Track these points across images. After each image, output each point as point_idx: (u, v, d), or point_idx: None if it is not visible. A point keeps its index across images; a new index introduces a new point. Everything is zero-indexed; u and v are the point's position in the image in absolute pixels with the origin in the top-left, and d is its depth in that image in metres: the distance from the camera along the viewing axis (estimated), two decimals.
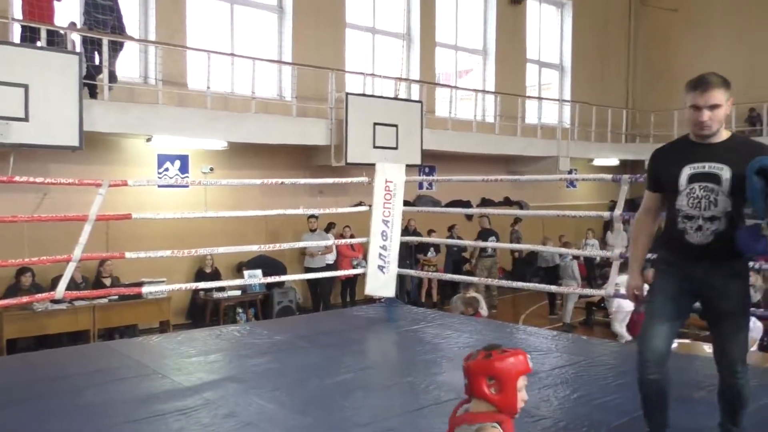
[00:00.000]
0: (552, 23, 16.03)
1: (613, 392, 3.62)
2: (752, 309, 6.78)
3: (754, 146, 2.71)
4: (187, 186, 9.76)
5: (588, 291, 7.57)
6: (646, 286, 2.99)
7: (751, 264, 6.94)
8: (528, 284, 7.62)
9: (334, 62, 10.98)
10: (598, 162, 15.09)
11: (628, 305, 7.69)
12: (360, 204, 9.19)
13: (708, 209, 2.62)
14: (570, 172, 13.86)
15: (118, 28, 8.63)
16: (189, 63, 9.82)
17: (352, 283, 10.45)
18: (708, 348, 6.06)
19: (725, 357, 2.73)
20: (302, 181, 8.18)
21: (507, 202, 13.86)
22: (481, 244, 10.42)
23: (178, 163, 9.76)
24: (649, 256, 3.08)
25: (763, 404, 3.54)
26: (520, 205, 13.88)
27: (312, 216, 9.95)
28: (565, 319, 10.15)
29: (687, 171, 2.67)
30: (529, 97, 14.76)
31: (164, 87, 9.08)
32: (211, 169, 9.85)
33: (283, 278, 8.03)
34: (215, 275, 9.47)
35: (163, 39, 9.40)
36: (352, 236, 9.56)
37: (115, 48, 8.56)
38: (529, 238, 12.33)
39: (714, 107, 2.62)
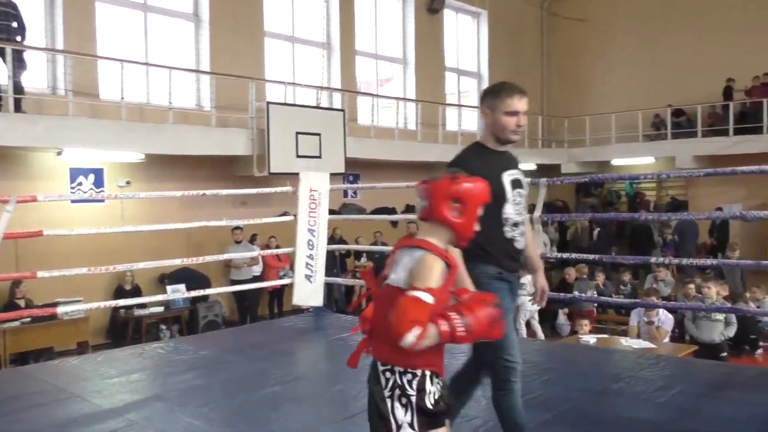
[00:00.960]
0: (469, 32, 16.42)
1: (538, 389, 3.72)
2: (662, 302, 7.17)
3: (514, 155, 2.82)
4: (103, 200, 9.40)
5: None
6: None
7: (660, 259, 7.30)
8: None
9: (253, 71, 10.85)
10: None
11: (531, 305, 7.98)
12: (285, 214, 9.11)
13: (522, 213, 2.68)
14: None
15: (21, 36, 8.23)
16: (101, 72, 9.48)
17: (280, 294, 10.34)
18: (625, 341, 6.36)
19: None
20: (224, 192, 8.04)
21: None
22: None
23: (92, 176, 9.39)
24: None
25: (676, 392, 3.73)
26: None
27: (237, 227, 9.78)
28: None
29: (507, 178, 2.64)
30: (448, 104, 15.04)
31: (75, 98, 8.72)
32: (128, 183, 9.53)
33: (208, 291, 7.84)
34: (136, 292, 9.14)
35: (72, 47, 9.03)
36: (278, 246, 9.45)
37: (20, 58, 8.15)
38: None
39: (526, 113, 2.67)
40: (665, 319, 6.71)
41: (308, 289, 6.12)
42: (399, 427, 1.91)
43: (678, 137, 14.85)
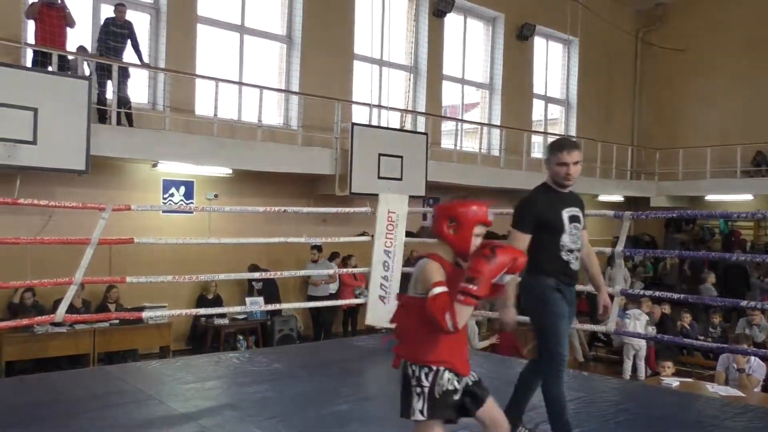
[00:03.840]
0: (558, 59, 16.19)
1: (612, 429, 3.57)
2: (755, 349, 6.74)
3: (578, 195, 3.45)
4: (192, 212, 9.79)
5: (590, 327, 7.50)
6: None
7: (753, 303, 6.92)
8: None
9: (340, 93, 11.09)
10: (603, 198, 15.11)
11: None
12: (363, 234, 9.20)
13: (578, 242, 3.31)
14: None
15: (136, 55, 8.79)
16: (197, 90, 9.94)
17: (354, 313, 10.40)
18: (711, 387, 6.00)
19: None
20: (305, 209, 8.22)
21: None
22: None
23: (183, 188, 9.81)
24: None
25: None
26: None
27: (315, 247, 9.95)
28: (578, 357, 10.06)
29: (566, 213, 3.26)
30: (534, 131, 14.84)
31: (172, 113, 9.17)
32: (216, 196, 9.90)
33: (285, 306, 8.01)
34: (217, 301, 9.45)
35: (173, 66, 9.53)
36: (355, 266, 9.54)
37: (126, 74, 8.69)
38: None
39: (576, 163, 3.26)
40: (757, 366, 6.28)
41: (382, 310, 6.14)
42: (413, 412, 2.30)
43: None
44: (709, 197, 14.86)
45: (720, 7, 15.72)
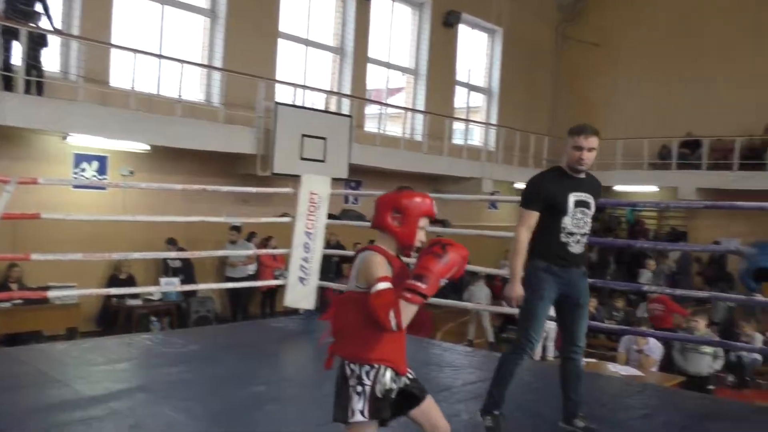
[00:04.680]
0: (482, 48, 16.48)
1: (523, 408, 3.71)
2: (653, 331, 7.15)
3: (597, 181, 3.47)
4: (105, 188, 9.41)
5: (500, 309, 7.63)
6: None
7: (653, 288, 7.29)
8: (445, 300, 7.70)
9: (264, 71, 10.89)
10: (519, 185, 15.55)
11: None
12: (285, 215, 9.12)
13: (584, 228, 3.32)
14: (493, 194, 14.22)
15: (47, 20, 8.29)
16: (113, 61, 9.52)
17: (273, 295, 10.32)
18: (612, 367, 6.34)
19: (578, 336, 3.38)
20: (225, 188, 8.04)
21: (431, 221, 14.03)
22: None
23: (96, 163, 9.41)
24: None
25: (659, 421, 3.73)
26: (444, 223, 14.10)
27: (234, 228, 9.78)
28: (488, 338, 10.38)
29: (572, 197, 3.28)
30: (456, 118, 15.08)
31: (85, 84, 8.76)
32: (131, 172, 9.55)
33: (201, 287, 7.85)
34: (130, 282, 9.15)
35: (87, 34, 9.08)
36: (275, 247, 9.45)
37: (40, 42, 8.19)
38: None
39: (591, 150, 3.28)
40: (654, 347, 6.69)
41: (301, 292, 6.13)
42: (353, 412, 2.19)
43: (683, 168, 14.86)
44: (618, 187, 15.57)
45: (635, 4, 16.41)
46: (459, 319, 11.86)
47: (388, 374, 2.23)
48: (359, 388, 2.20)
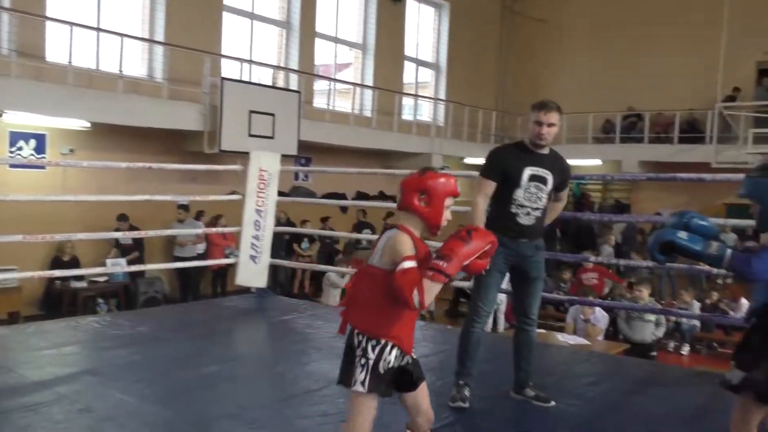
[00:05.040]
0: (430, 23, 16.45)
1: (475, 380, 3.77)
2: (599, 300, 7.38)
3: (561, 159, 3.48)
4: (44, 167, 9.08)
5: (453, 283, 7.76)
6: None
7: (598, 258, 7.47)
8: None
9: (209, 45, 10.62)
10: (469, 160, 15.69)
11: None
12: (233, 193, 8.99)
13: (536, 202, 3.36)
14: (442, 169, 14.29)
15: None
16: (49, 34, 9.11)
17: (224, 274, 10.20)
18: (561, 337, 6.52)
19: (530, 309, 3.48)
20: (172, 166, 7.87)
21: (382, 196, 14.08)
22: (355, 235, 10.54)
23: (33, 142, 9.05)
24: None
25: (605, 387, 3.85)
26: (395, 199, 14.13)
27: (181, 207, 9.59)
28: (430, 307, 10.55)
29: (528, 171, 3.31)
30: (406, 94, 15.06)
31: (19, 59, 8.38)
32: (72, 151, 9.22)
33: (149, 267, 7.68)
34: (74, 263, 8.88)
35: (20, 6, 8.66)
36: (224, 226, 9.31)
37: None
38: None
39: (551, 125, 3.30)
40: (600, 317, 6.90)
41: (252, 270, 6.06)
42: (354, 382, 2.24)
43: (626, 142, 15.24)
44: None
45: None
46: None
47: (394, 352, 2.26)
48: (363, 360, 2.24)
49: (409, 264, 2.17)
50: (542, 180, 3.34)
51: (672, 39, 15.07)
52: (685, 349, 8.35)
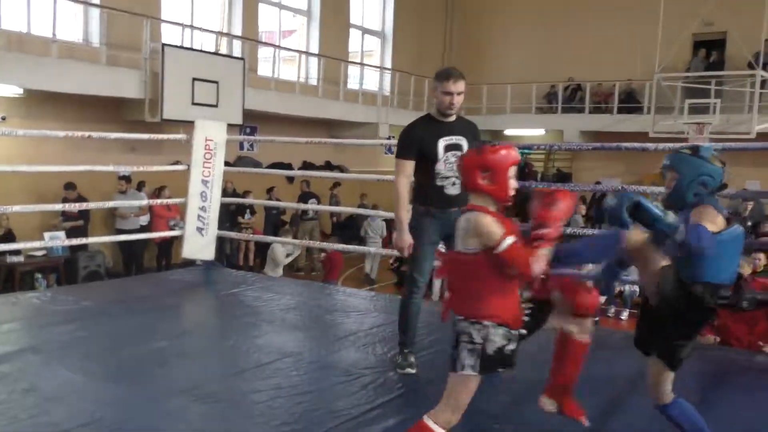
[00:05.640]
0: None
1: (426, 347, 3.84)
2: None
3: (469, 122, 3.56)
4: None
5: (388, 251, 7.70)
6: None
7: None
8: (346, 246, 7.82)
9: (148, 9, 10.21)
10: None
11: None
12: (177, 163, 8.77)
13: (455, 171, 3.28)
14: (389, 139, 14.30)
15: None
16: None
17: (168, 246, 9.99)
18: None
19: None
20: (113, 135, 7.55)
21: (328, 166, 13.99)
22: (302, 206, 10.48)
23: None
24: None
25: (552, 354, 3.97)
26: (341, 169, 14.09)
27: (123, 178, 9.31)
28: (371, 274, 10.67)
29: (442, 143, 3.36)
30: (352, 62, 14.90)
31: None
32: (3, 118, 8.80)
33: (91, 240, 7.46)
34: (9, 237, 8.53)
35: None
36: (169, 197, 9.10)
37: None
38: (348, 202, 12.58)
39: (460, 93, 3.34)
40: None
41: (199, 243, 5.96)
42: (462, 366, 2.26)
43: (567, 112, 15.54)
44: (508, 131, 16.10)
45: None
46: (358, 264, 12.03)
47: (500, 332, 2.26)
48: (470, 346, 2.26)
49: (510, 240, 2.18)
50: (458, 147, 3.38)
51: (612, 11, 15.34)
52: (625, 314, 8.69)
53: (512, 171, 2.33)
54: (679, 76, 13.54)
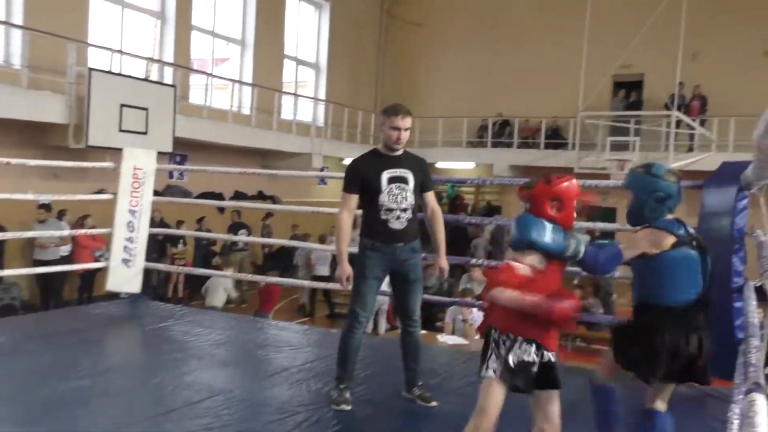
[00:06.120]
0: (310, 22, 16.36)
1: (362, 383, 3.79)
2: (478, 302, 7.64)
3: (417, 157, 3.61)
4: None
5: (331, 286, 7.67)
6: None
7: (479, 260, 7.77)
8: (279, 279, 7.69)
9: (74, 32, 9.91)
10: (348, 161, 15.73)
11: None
12: (101, 191, 8.46)
13: (402, 203, 3.41)
14: (322, 170, 14.29)
15: None
16: None
17: (91, 278, 9.56)
18: (440, 338, 6.70)
19: (412, 311, 3.54)
20: (33, 162, 7.22)
21: (261, 196, 13.82)
22: (234, 237, 10.27)
23: None
24: None
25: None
26: (274, 199, 13.94)
27: (42, 206, 8.89)
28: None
29: (386, 175, 3.40)
30: (286, 92, 14.88)
31: None
32: None
33: (6, 272, 7.05)
34: None
35: None
36: (93, 226, 8.74)
37: None
38: (280, 233, 12.44)
39: (407, 129, 3.43)
40: (478, 317, 7.15)
41: (125, 274, 5.73)
42: (487, 368, 2.42)
43: (497, 146, 15.95)
44: (440, 164, 16.37)
45: None
46: (290, 296, 11.86)
47: (529, 348, 2.39)
48: (496, 352, 2.42)
49: (518, 267, 2.40)
50: (403, 180, 3.43)
51: (539, 51, 15.95)
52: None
53: (575, 202, 2.52)
54: (601, 115, 14.15)
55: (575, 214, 2.53)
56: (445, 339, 6.51)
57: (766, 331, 2.47)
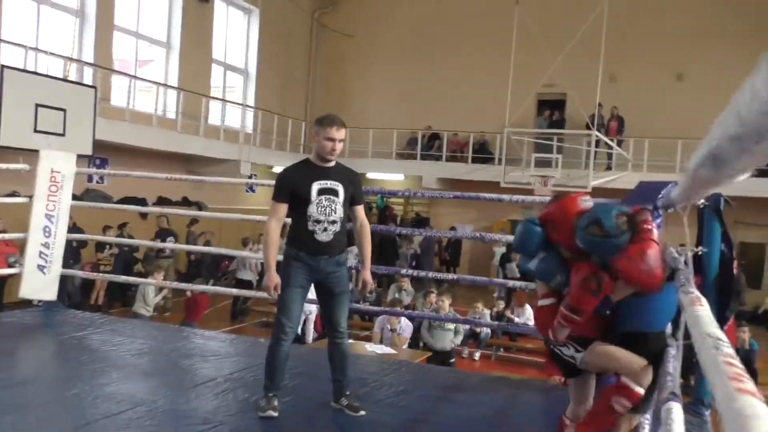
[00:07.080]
0: (239, 28, 16.14)
1: (289, 393, 3.73)
2: (407, 311, 7.70)
3: (348, 170, 3.59)
4: None
5: (258, 294, 7.56)
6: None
7: (410, 271, 7.82)
8: (207, 287, 7.52)
9: None
10: (278, 169, 15.60)
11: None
12: (14, 194, 8.03)
13: (331, 215, 3.39)
14: (250, 177, 14.08)
15: None
16: None
17: (1, 285, 9.02)
18: (369, 347, 6.70)
19: (338, 322, 3.52)
20: None
21: (185, 203, 13.47)
22: (160, 244, 9.95)
23: None
24: None
25: (415, 396, 4.01)
26: (199, 206, 13.62)
27: None
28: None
29: (316, 186, 3.37)
30: (213, 98, 14.60)
31: None
32: None
33: None
34: None
35: None
36: (3, 231, 8.27)
37: None
38: (224, 242, 12.16)
39: (341, 140, 3.42)
40: (406, 326, 7.21)
41: (40, 281, 5.46)
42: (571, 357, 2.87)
43: (426, 159, 16.17)
44: (370, 175, 16.44)
45: (389, 1, 17.34)
46: (217, 303, 11.55)
47: (572, 346, 2.85)
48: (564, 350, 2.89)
49: (543, 302, 2.95)
50: (333, 192, 3.42)
51: (468, 66, 16.33)
52: (477, 355, 9.03)
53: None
54: (525, 132, 14.58)
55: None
56: (374, 348, 6.51)
57: (680, 343, 2.60)
